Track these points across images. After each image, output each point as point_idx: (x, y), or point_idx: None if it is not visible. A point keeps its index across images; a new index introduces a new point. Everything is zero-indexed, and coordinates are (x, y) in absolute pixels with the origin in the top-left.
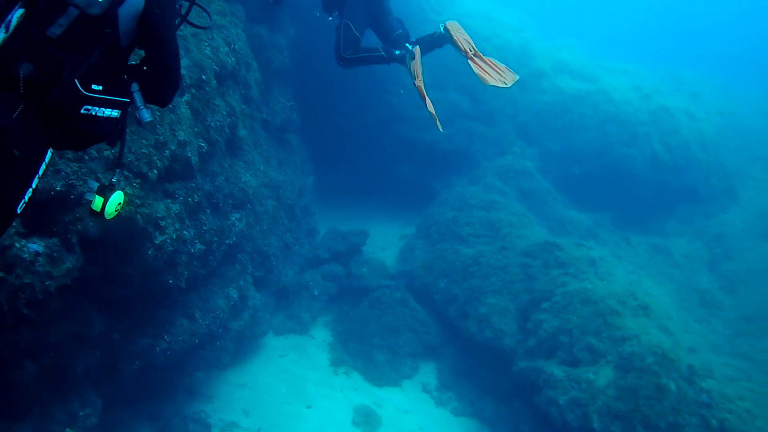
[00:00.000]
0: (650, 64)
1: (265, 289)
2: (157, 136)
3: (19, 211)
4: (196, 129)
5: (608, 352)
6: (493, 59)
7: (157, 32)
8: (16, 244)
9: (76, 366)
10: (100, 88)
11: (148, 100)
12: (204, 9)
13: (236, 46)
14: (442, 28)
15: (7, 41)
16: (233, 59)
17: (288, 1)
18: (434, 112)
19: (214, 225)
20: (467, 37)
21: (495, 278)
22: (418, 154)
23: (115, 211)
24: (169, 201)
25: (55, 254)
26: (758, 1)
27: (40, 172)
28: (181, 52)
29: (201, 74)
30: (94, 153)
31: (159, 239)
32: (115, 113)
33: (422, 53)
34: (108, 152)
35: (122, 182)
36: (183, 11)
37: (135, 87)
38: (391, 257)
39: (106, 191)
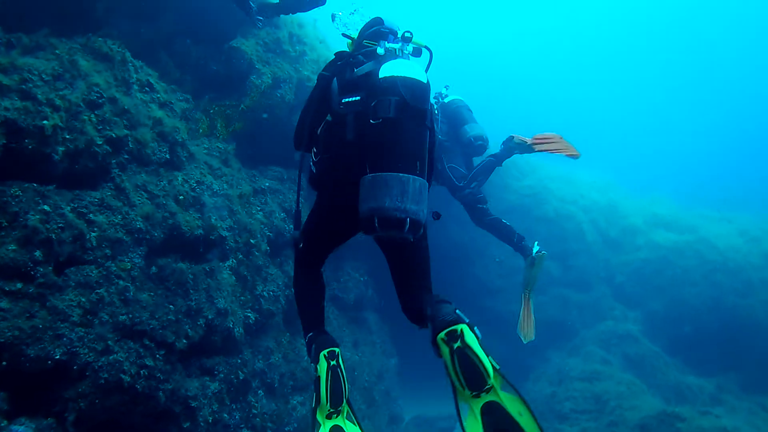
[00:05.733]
0: (756, 211)
1: None
2: (189, 302)
3: None
4: (242, 298)
5: None
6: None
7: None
8: None
9: None
10: None
11: None
12: None
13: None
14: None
15: None
16: (292, 227)
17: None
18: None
19: (269, 409)
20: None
21: None
22: (507, 329)
23: None
24: (207, 378)
25: None
26: None
27: None
28: (225, 213)
29: (249, 238)
30: (106, 317)
31: (187, 423)
32: None
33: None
34: (124, 318)
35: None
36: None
37: None
38: None
39: None
